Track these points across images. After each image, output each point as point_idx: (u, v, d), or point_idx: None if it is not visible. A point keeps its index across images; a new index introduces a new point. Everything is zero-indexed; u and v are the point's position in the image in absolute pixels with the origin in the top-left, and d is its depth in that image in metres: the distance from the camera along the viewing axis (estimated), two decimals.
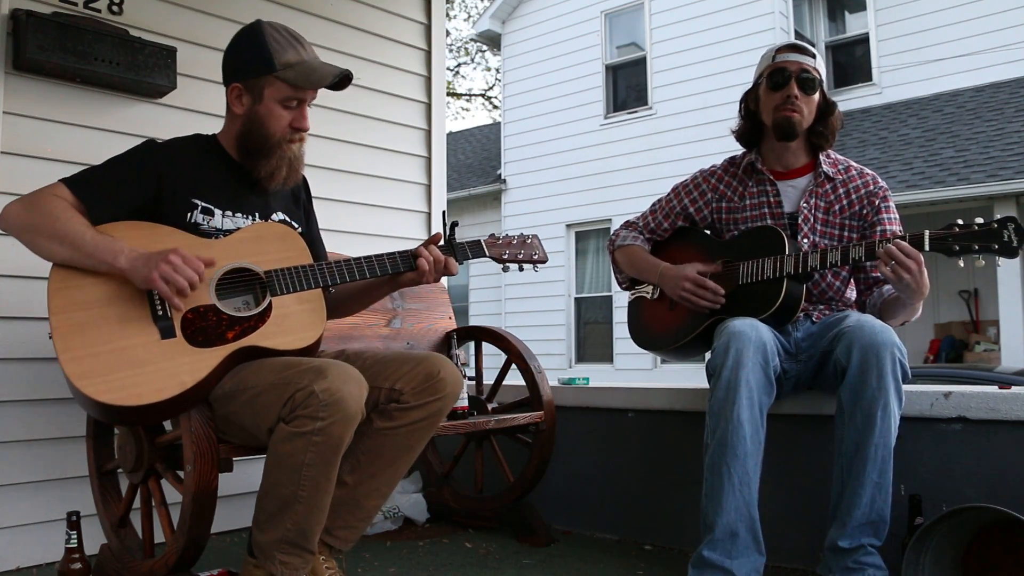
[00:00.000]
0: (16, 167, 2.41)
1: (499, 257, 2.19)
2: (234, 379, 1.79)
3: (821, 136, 2.27)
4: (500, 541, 2.62)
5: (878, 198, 2.26)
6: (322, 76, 1.91)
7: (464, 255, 2.12)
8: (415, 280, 2.04)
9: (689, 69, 10.06)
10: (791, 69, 2.22)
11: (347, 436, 1.72)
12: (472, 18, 21.52)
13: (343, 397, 1.67)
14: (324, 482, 1.73)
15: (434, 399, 1.90)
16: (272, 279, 1.87)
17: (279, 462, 1.70)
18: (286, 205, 2.09)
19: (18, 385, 2.39)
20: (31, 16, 2.36)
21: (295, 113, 1.92)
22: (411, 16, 3.54)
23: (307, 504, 1.72)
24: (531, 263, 2.23)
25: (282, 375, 1.71)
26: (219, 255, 1.85)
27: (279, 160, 1.94)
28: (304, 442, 1.67)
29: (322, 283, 1.93)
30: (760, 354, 1.98)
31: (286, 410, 1.67)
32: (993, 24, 8.76)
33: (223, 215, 1.94)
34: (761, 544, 1.95)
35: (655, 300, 2.43)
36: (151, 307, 1.76)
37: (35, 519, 2.38)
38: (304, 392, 1.65)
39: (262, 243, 1.92)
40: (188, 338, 1.76)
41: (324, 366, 1.70)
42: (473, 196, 11.93)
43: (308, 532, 1.75)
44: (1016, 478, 2.00)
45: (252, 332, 1.82)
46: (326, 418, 1.65)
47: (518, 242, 2.23)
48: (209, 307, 1.80)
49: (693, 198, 2.43)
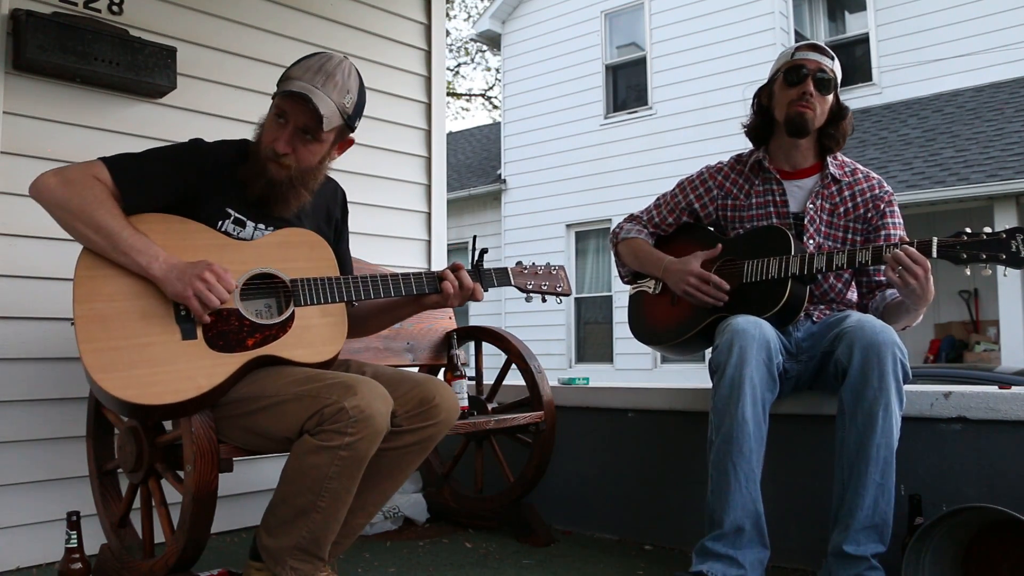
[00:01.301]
0: (16, 167, 2.41)
1: (524, 287, 2.17)
2: (252, 386, 1.78)
3: (831, 139, 2.27)
4: (500, 541, 2.62)
5: (883, 202, 2.26)
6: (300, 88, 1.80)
7: (490, 282, 2.10)
8: (439, 303, 2.02)
9: (689, 69, 10.06)
10: (809, 67, 2.22)
11: (372, 451, 1.73)
12: (472, 18, 21.54)
13: (373, 414, 1.68)
14: (344, 495, 1.73)
15: (427, 425, 1.87)
16: (297, 289, 1.87)
17: (302, 473, 1.70)
18: (316, 223, 2.06)
19: (18, 385, 2.39)
20: (31, 16, 2.35)
21: (278, 131, 1.86)
22: (411, 16, 3.54)
23: (325, 515, 1.72)
24: (555, 295, 2.22)
25: (308, 387, 1.72)
26: (247, 258, 1.85)
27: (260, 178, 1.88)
28: (330, 456, 1.67)
29: (347, 297, 1.92)
30: (764, 351, 1.99)
31: (312, 422, 1.68)
32: (993, 24, 8.75)
33: (255, 228, 1.93)
34: (766, 538, 1.97)
35: (657, 295, 2.43)
36: (175, 306, 1.76)
37: (35, 519, 2.38)
38: (334, 407, 1.66)
39: (291, 249, 1.92)
40: (209, 341, 1.76)
41: (352, 382, 1.70)
42: (473, 196, 11.93)
43: (322, 541, 1.76)
44: (1016, 478, 2.00)
45: (273, 341, 1.81)
46: (355, 434, 1.66)
47: (543, 272, 2.22)
48: (232, 311, 1.80)
49: (699, 194, 2.43)
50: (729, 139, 2.16)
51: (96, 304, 1.72)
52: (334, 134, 1.93)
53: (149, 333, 1.73)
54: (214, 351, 1.75)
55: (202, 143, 1.95)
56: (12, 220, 2.39)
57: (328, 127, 1.85)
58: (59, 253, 2.27)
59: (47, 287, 2.39)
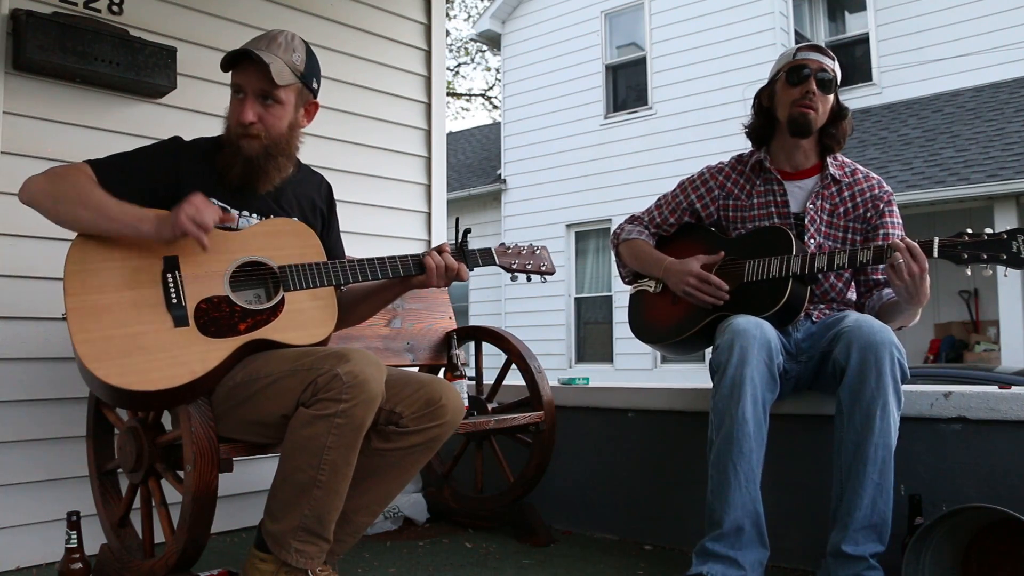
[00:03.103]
0: (16, 167, 2.41)
1: (508, 266, 2.20)
2: (245, 370, 1.80)
3: (832, 138, 2.28)
4: (500, 541, 2.62)
5: (883, 202, 2.27)
6: (238, 51, 1.88)
7: (475, 262, 2.11)
8: (424, 283, 2.04)
9: (689, 69, 10.06)
10: (811, 67, 2.23)
11: (368, 418, 1.73)
12: (472, 18, 21.53)
13: (367, 379, 1.69)
14: (344, 466, 1.73)
15: (433, 425, 1.89)
16: (286, 274, 1.89)
17: (299, 446, 1.71)
18: (301, 212, 2.09)
19: (18, 385, 2.39)
20: (31, 16, 2.36)
21: (239, 106, 1.91)
22: (411, 16, 3.54)
23: (325, 489, 1.72)
24: (539, 274, 2.24)
25: (300, 362, 1.73)
26: (235, 247, 1.88)
27: (235, 160, 1.92)
28: (326, 425, 1.68)
29: (335, 281, 1.94)
30: (764, 351, 1.99)
31: (307, 394, 1.69)
32: (993, 24, 8.76)
33: (240, 215, 1.95)
34: (765, 538, 1.97)
35: (657, 294, 2.43)
36: (165, 294, 1.78)
37: (35, 519, 2.38)
38: (327, 375, 1.67)
39: (278, 238, 1.94)
40: (201, 328, 1.78)
41: (344, 351, 1.72)
42: (473, 196, 11.93)
43: (325, 519, 1.75)
44: (1016, 478, 2.00)
45: (264, 325, 1.83)
46: (349, 400, 1.67)
47: (527, 252, 2.24)
48: (223, 298, 1.82)
49: (700, 194, 2.43)
50: (729, 139, 2.16)
51: (87, 296, 1.73)
52: (293, 94, 1.95)
53: (141, 322, 1.74)
54: (207, 337, 1.77)
55: (180, 139, 2.00)
56: (12, 220, 2.39)
57: (282, 82, 1.88)
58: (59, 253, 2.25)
59: (47, 287, 2.39)
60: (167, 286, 1.79)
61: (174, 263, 1.81)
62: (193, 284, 1.81)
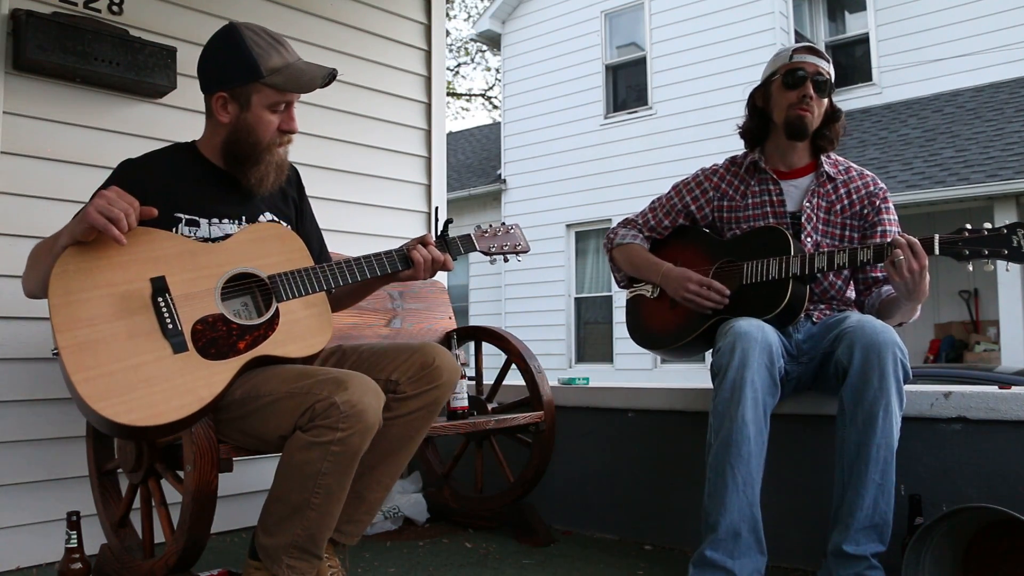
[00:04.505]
0: (16, 167, 2.41)
1: (487, 250, 2.19)
2: (245, 387, 1.78)
3: (825, 139, 2.29)
4: (500, 541, 2.62)
5: (879, 199, 2.27)
6: (311, 79, 1.90)
7: (457, 251, 2.11)
8: (412, 276, 2.04)
9: (689, 69, 10.06)
10: (808, 70, 2.23)
11: (364, 447, 1.73)
12: (472, 18, 21.55)
13: (364, 409, 1.68)
14: (338, 491, 1.73)
15: (431, 387, 1.90)
16: (277, 285, 1.86)
17: (295, 469, 1.70)
18: (274, 204, 2.06)
19: (18, 385, 2.39)
20: (31, 16, 2.35)
21: (283, 117, 1.91)
22: (411, 16, 3.54)
23: (319, 511, 1.72)
24: (515, 254, 2.23)
25: (299, 384, 1.71)
26: (222, 260, 1.84)
27: (267, 166, 1.93)
28: (322, 451, 1.67)
29: (325, 286, 1.92)
30: (766, 355, 1.98)
31: (304, 419, 1.68)
32: (993, 24, 8.76)
33: (209, 224, 1.91)
34: (763, 544, 1.95)
35: (655, 299, 2.42)
36: (159, 320, 1.72)
37: (35, 519, 2.38)
38: (325, 403, 1.66)
39: (262, 245, 1.91)
40: (200, 351, 1.72)
41: (343, 377, 1.70)
42: (473, 196, 11.93)
43: (318, 538, 1.75)
44: (1016, 478, 2.00)
45: (263, 341, 1.80)
46: (346, 429, 1.66)
47: (502, 232, 2.23)
48: (218, 316, 1.77)
49: (695, 196, 2.43)
50: (729, 139, 2.16)
51: (79, 331, 1.65)
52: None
53: (140, 352, 1.67)
54: (208, 360, 1.72)
55: (130, 161, 1.95)
56: (12, 220, 2.39)
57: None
58: None
59: None
60: (159, 311, 1.72)
61: (162, 284, 1.74)
62: (185, 305, 1.75)
